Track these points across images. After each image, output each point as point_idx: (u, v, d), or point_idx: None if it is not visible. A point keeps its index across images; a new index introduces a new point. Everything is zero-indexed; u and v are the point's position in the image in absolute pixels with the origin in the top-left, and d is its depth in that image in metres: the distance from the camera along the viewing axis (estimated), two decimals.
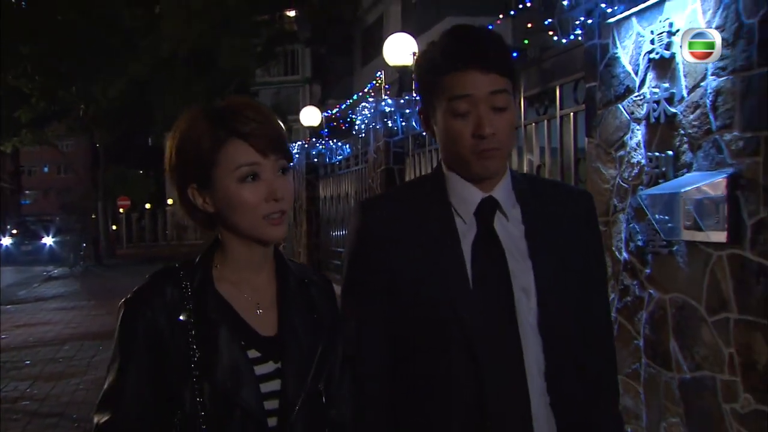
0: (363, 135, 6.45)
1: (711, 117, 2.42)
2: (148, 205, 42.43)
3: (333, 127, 8.96)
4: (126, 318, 1.15)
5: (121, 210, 32.49)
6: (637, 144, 2.83)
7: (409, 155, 5.82)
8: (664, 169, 2.66)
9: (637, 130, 2.83)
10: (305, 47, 31.66)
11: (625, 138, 2.92)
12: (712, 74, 2.41)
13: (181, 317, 1.14)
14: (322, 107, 21.85)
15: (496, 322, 1.23)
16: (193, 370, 1.12)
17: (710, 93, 2.41)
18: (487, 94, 1.20)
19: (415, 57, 6.07)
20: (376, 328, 1.29)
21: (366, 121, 6.25)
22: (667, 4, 2.62)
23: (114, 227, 30.11)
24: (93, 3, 15.40)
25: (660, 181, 2.68)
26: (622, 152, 2.94)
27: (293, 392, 1.15)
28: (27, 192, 48.15)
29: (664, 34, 2.62)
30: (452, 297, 1.23)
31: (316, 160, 8.78)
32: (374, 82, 6.50)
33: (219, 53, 19.59)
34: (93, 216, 23.92)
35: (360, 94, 7.11)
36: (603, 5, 2.91)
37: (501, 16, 5.31)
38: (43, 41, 15.19)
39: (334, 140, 8.24)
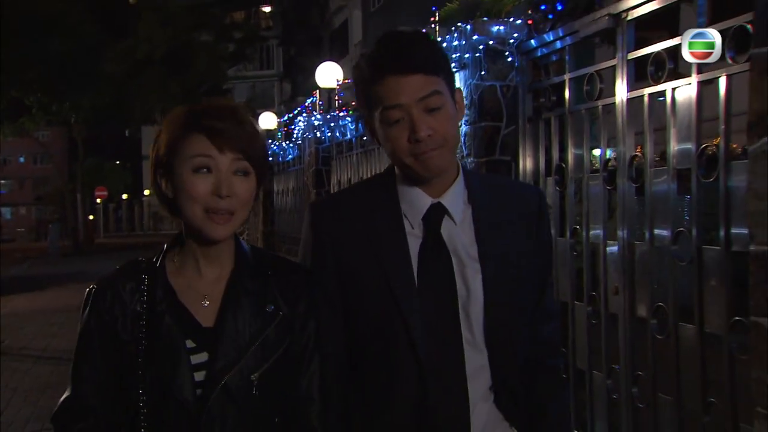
0: (300, 142, 8.08)
1: (464, 148, 4.10)
2: (125, 196, 43.19)
3: (285, 132, 10.49)
4: (85, 306, 1.22)
5: (98, 200, 33.32)
6: None
7: (333, 159, 7.39)
8: None
9: None
10: (278, 45, 32.87)
11: None
12: (464, 123, 4.08)
13: (137, 308, 1.19)
14: (292, 104, 22.99)
15: (439, 324, 1.26)
16: (138, 359, 1.17)
17: (463, 133, 4.09)
18: (416, 100, 1.21)
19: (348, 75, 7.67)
20: (329, 313, 1.31)
21: (301, 131, 7.88)
22: None
23: (91, 217, 31.01)
24: (81, 33, 17.12)
25: None
26: None
27: (212, 382, 1.17)
28: (2, 182, 47.37)
29: None
30: (397, 300, 1.25)
31: (271, 159, 10.38)
32: (309, 101, 8.13)
33: (193, 55, 20.89)
34: (72, 205, 24.98)
35: (299, 108, 8.71)
36: None
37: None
38: (44, 66, 16.80)
39: (286, 142, 9.76)
